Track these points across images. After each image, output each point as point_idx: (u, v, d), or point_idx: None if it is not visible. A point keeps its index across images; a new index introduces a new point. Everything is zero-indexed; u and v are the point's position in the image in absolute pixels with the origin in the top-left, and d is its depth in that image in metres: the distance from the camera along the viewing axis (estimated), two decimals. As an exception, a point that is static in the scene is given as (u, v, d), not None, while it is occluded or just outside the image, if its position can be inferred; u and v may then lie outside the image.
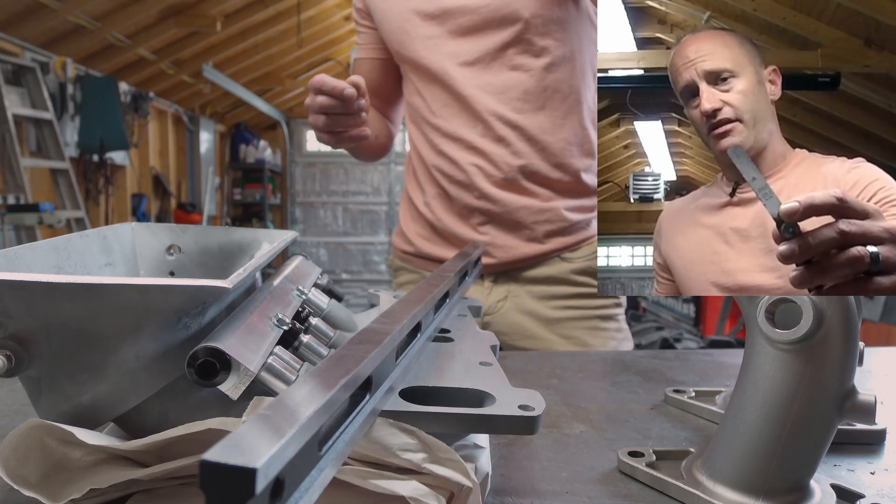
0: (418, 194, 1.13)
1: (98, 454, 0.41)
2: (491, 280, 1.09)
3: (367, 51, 1.18)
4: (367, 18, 1.15)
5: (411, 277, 1.16)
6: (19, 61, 4.20)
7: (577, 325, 1.08)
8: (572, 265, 1.08)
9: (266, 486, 0.21)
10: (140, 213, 5.85)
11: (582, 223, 1.08)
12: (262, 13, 5.48)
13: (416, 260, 1.15)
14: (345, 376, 0.29)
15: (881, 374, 0.85)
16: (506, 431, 0.40)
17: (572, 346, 1.06)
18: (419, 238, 1.14)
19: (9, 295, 0.38)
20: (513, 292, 1.09)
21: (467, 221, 1.07)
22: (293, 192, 8.61)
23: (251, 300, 0.51)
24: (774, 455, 0.43)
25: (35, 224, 3.84)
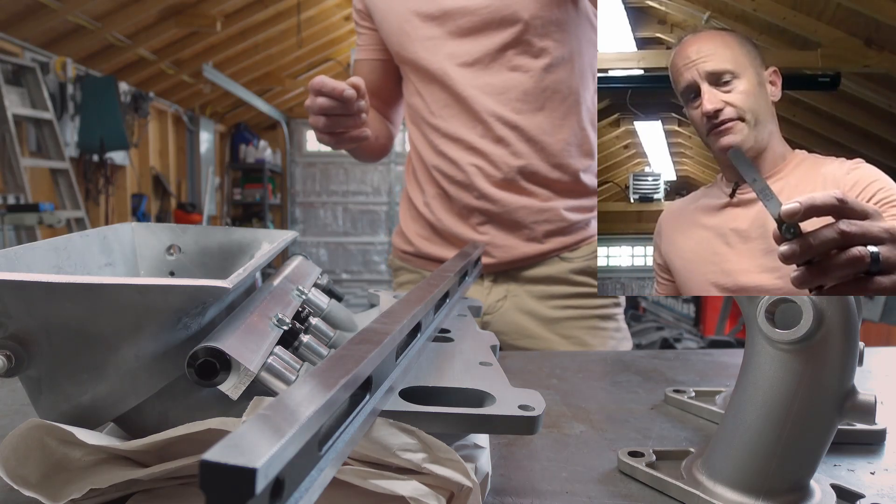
0: (418, 194, 1.14)
1: (98, 454, 0.41)
2: (490, 280, 1.09)
3: (368, 52, 1.18)
4: (367, 19, 1.16)
5: (411, 277, 1.16)
6: (19, 61, 4.21)
7: (576, 325, 1.08)
8: (571, 265, 1.08)
9: (266, 486, 0.21)
10: (140, 213, 5.86)
11: (581, 223, 1.08)
12: (262, 13, 5.48)
13: (416, 260, 1.15)
14: (345, 376, 0.29)
15: (881, 374, 0.85)
16: (506, 431, 0.40)
17: (572, 345, 1.07)
18: (419, 238, 1.14)
19: (9, 295, 0.38)
20: (512, 292, 1.09)
21: (467, 221, 1.07)
22: (293, 192, 8.61)
23: (251, 300, 0.51)
24: (774, 455, 0.43)
25: (35, 224, 3.84)
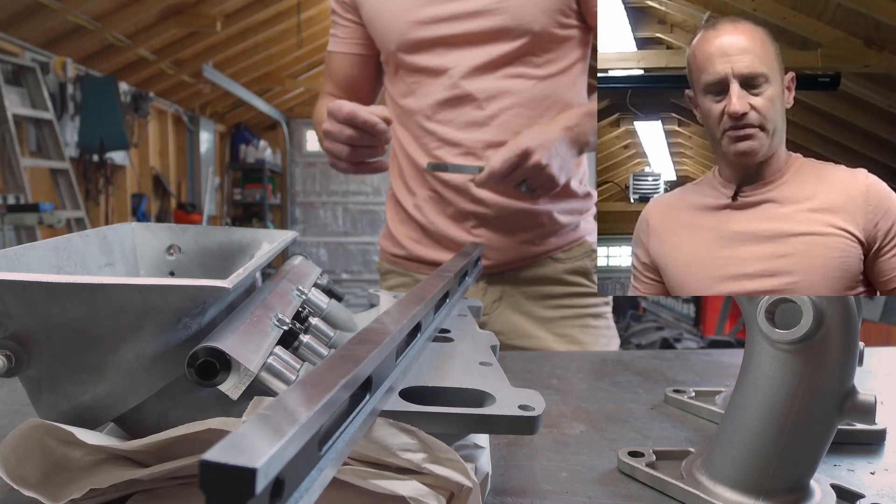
0: (407, 196, 1.13)
1: (98, 454, 0.41)
2: (485, 281, 1.10)
3: (347, 45, 1.15)
4: (351, 12, 1.13)
5: (402, 280, 1.16)
6: (19, 61, 4.20)
7: (570, 324, 1.10)
8: (564, 265, 1.10)
9: (266, 486, 0.21)
10: (140, 213, 5.85)
11: (572, 225, 1.11)
12: (262, 13, 5.48)
13: (407, 263, 1.15)
14: (345, 376, 0.29)
15: (881, 374, 0.85)
16: (506, 431, 0.40)
17: (566, 343, 1.08)
18: (409, 241, 1.14)
19: (9, 295, 0.38)
20: (507, 293, 1.10)
21: (461, 224, 1.08)
22: (293, 192, 8.61)
23: (251, 300, 0.51)
24: (774, 455, 0.43)
25: (35, 224, 3.84)
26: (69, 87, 4.67)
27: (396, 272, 1.17)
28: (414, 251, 1.13)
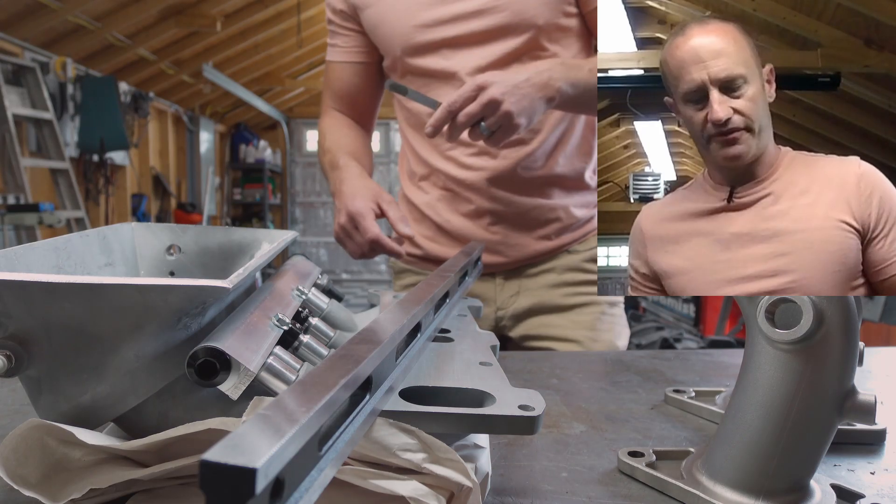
0: (420, 195, 1.13)
1: (98, 454, 0.41)
2: (502, 277, 1.11)
3: (349, 54, 1.14)
4: (350, 20, 1.12)
5: (417, 279, 1.16)
6: (19, 61, 4.21)
7: (588, 311, 1.10)
8: (580, 255, 1.10)
9: (266, 486, 0.21)
10: (140, 213, 5.85)
11: (587, 217, 1.11)
12: (262, 13, 5.48)
13: (423, 262, 1.15)
14: (345, 376, 0.29)
15: (881, 374, 0.85)
16: (506, 431, 0.40)
17: (584, 330, 1.09)
18: (425, 240, 1.13)
19: (9, 295, 0.38)
20: (524, 286, 1.11)
21: (477, 221, 1.08)
22: (293, 192, 8.61)
23: (251, 300, 0.51)
24: (774, 455, 0.43)
25: (35, 224, 3.84)
26: (69, 87, 4.68)
27: (412, 271, 1.17)
28: (431, 250, 1.13)
